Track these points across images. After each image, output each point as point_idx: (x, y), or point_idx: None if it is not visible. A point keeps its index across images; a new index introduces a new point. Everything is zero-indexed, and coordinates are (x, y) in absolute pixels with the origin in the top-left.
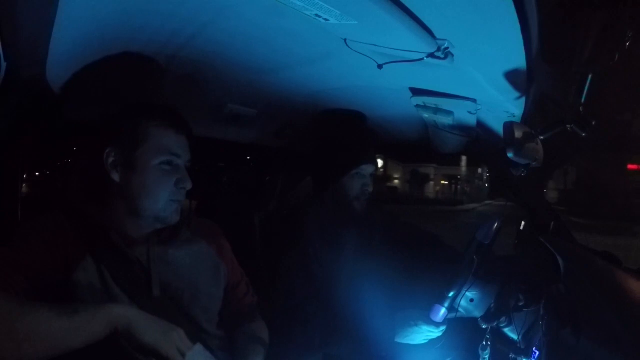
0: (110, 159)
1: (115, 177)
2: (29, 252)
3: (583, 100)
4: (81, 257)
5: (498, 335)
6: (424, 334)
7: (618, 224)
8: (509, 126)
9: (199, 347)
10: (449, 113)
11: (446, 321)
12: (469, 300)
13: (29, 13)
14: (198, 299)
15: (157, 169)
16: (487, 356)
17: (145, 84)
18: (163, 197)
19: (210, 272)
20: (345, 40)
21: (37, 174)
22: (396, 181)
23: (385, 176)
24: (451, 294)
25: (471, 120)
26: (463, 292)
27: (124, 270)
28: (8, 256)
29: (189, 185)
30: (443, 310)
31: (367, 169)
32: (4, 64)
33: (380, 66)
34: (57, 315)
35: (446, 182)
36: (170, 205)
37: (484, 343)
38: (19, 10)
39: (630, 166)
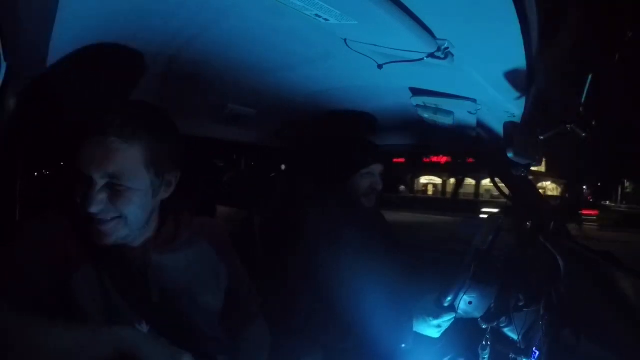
0: None
1: None
2: (28, 253)
3: (583, 100)
4: (80, 258)
5: (498, 335)
6: (434, 326)
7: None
8: (509, 126)
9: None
10: (449, 113)
11: (453, 307)
12: (467, 303)
13: (29, 13)
14: (198, 302)
15: None
16: (487, 356)
17: (146, 84)
18: None
19: (210, 274)
20: (345, 40)
21: (37, 174)
22: None
23: None
24: (448, 299)
25: (471, 120)
26: (461, 295)
27: (122, 273)
28: (7, 257)
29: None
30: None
31: (377, 168)
32: (4, 64)
33: (380, 66)
34: (61, 332)
35: None
36: None
37: (484, 343)
38: (19, 10)
39: (394, 160)
